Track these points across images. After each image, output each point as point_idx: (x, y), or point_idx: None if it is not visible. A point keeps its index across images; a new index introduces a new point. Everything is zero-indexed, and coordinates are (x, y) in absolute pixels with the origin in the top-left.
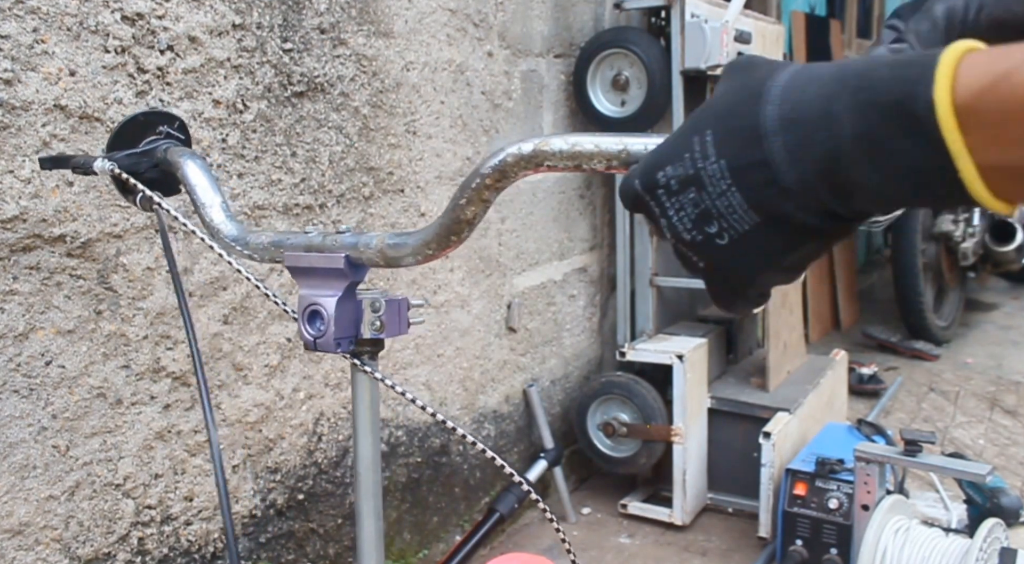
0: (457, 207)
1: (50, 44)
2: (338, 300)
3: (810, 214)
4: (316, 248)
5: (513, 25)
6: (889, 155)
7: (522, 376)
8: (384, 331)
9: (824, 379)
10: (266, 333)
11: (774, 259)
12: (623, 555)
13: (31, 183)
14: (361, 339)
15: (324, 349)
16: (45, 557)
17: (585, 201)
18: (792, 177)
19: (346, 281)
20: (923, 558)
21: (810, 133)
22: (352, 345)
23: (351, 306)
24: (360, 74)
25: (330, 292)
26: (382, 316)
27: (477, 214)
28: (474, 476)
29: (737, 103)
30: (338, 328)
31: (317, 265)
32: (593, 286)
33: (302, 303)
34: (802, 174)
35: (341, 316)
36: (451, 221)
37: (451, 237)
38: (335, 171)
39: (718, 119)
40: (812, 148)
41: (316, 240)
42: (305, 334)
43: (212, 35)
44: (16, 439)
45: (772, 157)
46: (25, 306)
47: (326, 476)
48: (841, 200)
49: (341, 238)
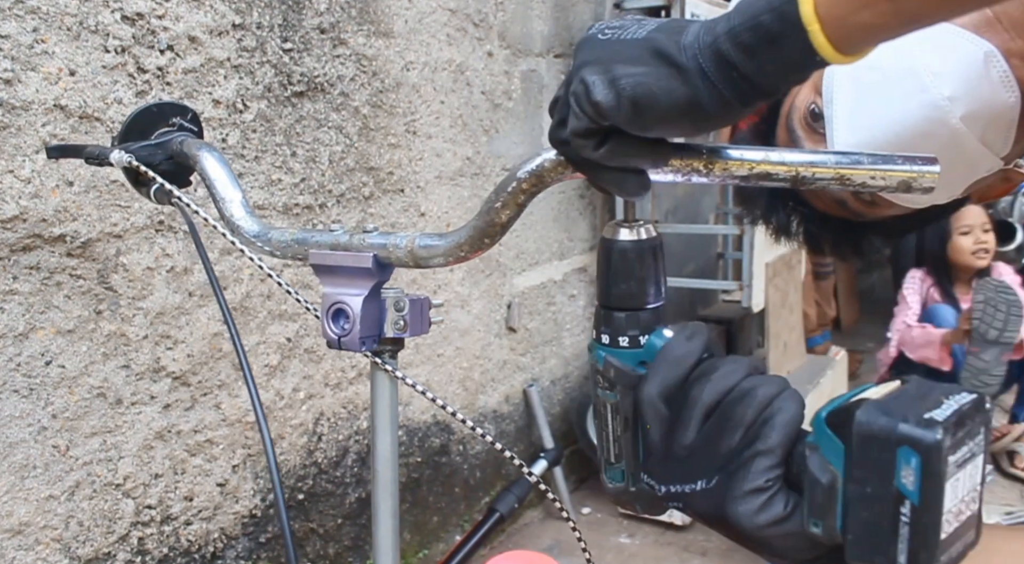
0: (492, 210)
1: (50, 44)
2: (364, 299)
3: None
4: (343, 247)
5: (513, 25)
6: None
7: (522, 376)
8: (407, 330)
9: (824, 379)
10: (266, 333)
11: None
12: (623, 555)
13: (31, 183)
14: (384, 338)
15: (349, 348)
16: (45, 557)
17: (585, 201)
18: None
19: (373, 280)
20: None
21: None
22: (375, 344)
23: (376, 305)
24: (360, 74)
25: (356, 291)
26: (405, 315)
27: (511, 217)
28: (474, 476)
29: (649, 23)
30: (363, 327)
31: (344, 263)
32: (593, 286)
33: (326, 301)
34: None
35: (367, 315)
36: (485, 223)
37: (484, 239)
38: (335, 171)
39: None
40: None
41: (343, 239)
42: (329, 332)
43: (212, 35)
44: (16, 439)
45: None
46: (25, 306)
47: (326, 476)
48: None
49: (369, 237)
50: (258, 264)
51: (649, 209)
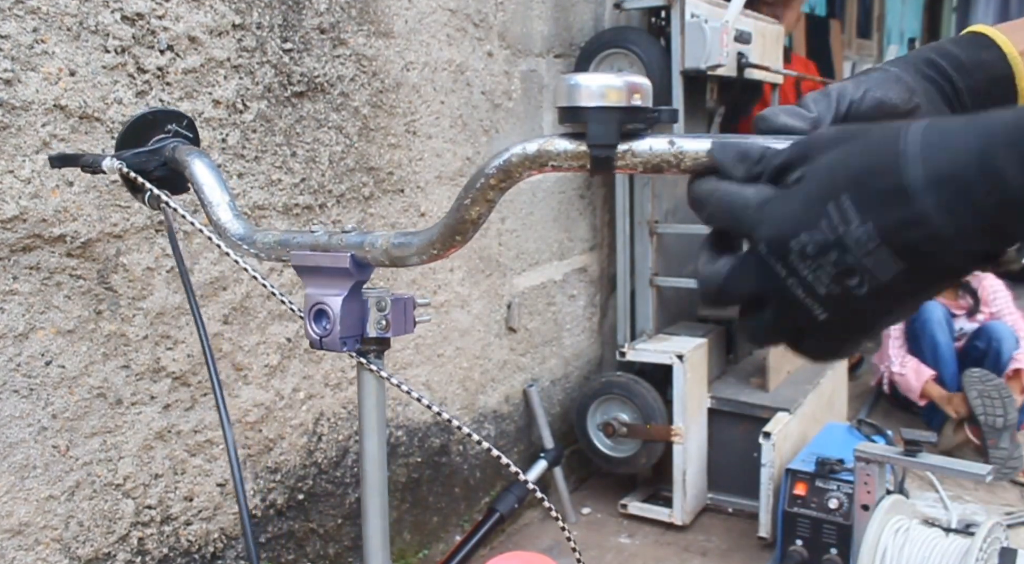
0: (462, 207)
1: (50, 44)
2: (344, 299)
3: (967, 259)
4: (322, 247)
5: (513, 25)
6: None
7: (522, 376)
8: (390, 330)
9: (824, 379)
10: (266, 333)
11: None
12: (623, 555)
13: (31, 183)
14: (367, 338)
15: (330, 348)
16: (45, 557)
17: (585, 201)
18: (951, 231)
19: (352, 280)
20: (923, 558)
21: (968, 187)
22: (358, 344)
23: (357, 305)
24: (360, 74)
25: (336, 291)
26: (388, 315)
27: (482, 214)
28: (474, 476)
29: (872, 165)
30: (344, 327)
31: (323, 264)
32: (593, 286)
33: (308, 302)
34: (961, 226)
35: (347, 315)
36: (456, 221)
37: (456, 237)
38: (335, 171)
39: (855, 184)
40: (974, 202)
41: (322, 239)
42: (311, 333)
43: (212, 35)
44: (16, 439)
45: (927, 214)
46: (25, 306)
47: (326, 476)
48: (1003, 242)
49: (347, 237)
50: (243, 266)
51: (649, 209)
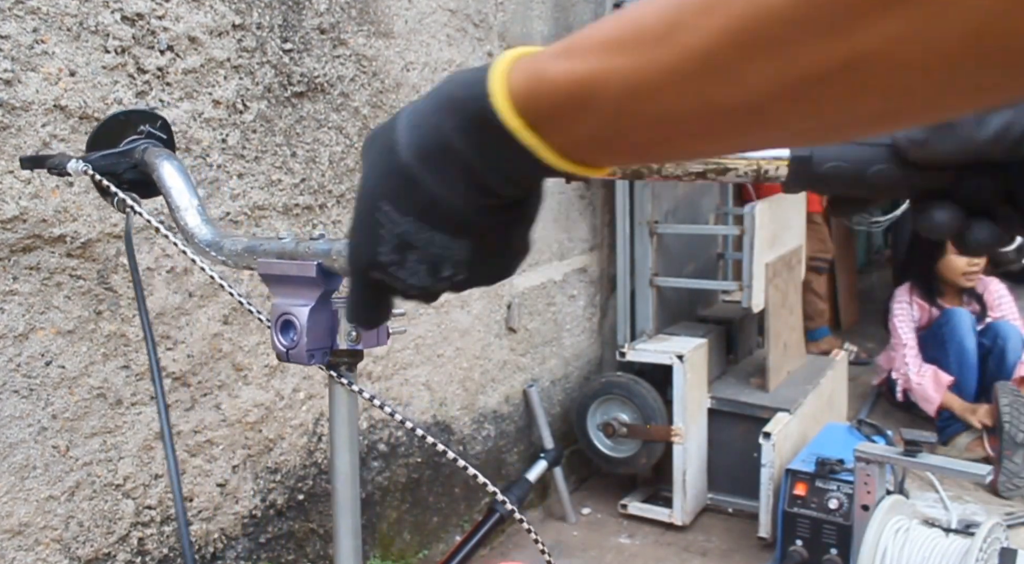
0: None
1: (50, 44)
2: (311, 310)
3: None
4: (289, 255)
5: (513, 25)
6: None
7: (522, 376)
8: (360, 342)
9: (824, 379)
10: (266, 333)
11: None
12: (623, 555)
13: (31, 183)
14: (338, 350)
15: (296, 361)
16: (45, 557)
17: (585, 201)
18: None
19: (319, 289)
20: (923, 558)
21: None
22: (327, 356)
23: (325, 316)
24: (360, 74)
25: (302, 301)
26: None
27: None
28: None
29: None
30: (311, 339)
31: (289, 273)
32: (593, 286)
33: (275, 312)
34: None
35: (314, 326)
36: None
37: None
38: (335, 171)
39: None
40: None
41: (289, 247)
42: (277, 345)
43: (212, 35)
44: (16, 439)
45: (433, 191)
46: (25, 306)
47: (326, 476)
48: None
49: (314, 245)
50: (210, 274)
51: (649, 210)
